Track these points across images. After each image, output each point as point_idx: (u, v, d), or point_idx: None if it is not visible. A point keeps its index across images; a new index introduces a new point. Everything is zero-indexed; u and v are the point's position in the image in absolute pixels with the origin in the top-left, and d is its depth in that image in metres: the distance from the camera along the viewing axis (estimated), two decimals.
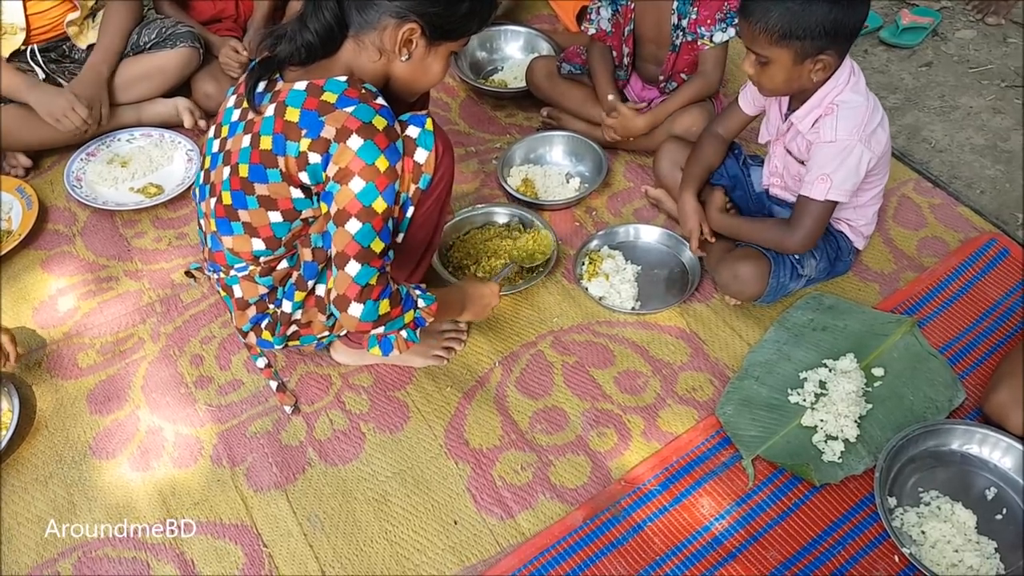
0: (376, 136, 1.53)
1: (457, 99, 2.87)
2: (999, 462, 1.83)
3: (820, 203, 1.94)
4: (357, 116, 1.53)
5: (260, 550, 1.75)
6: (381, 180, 1.55)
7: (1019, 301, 2.17)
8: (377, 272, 1.59)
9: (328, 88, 1.56)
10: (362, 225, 1.55)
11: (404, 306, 1.67)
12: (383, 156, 1.54)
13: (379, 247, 1.58)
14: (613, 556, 1.72)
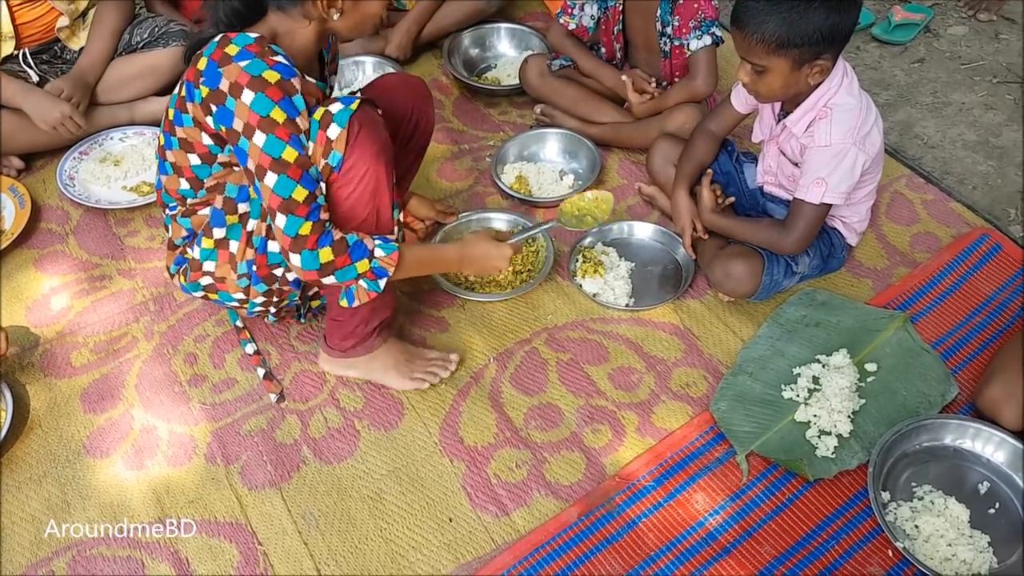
0: (268, 88, 1.54)
1: (451, 97, 2.87)
2: (992, 456, 1.83)
3: (815, 206, 1.95)
4: (248, 70, 1.54)
5: (255, 548, 1.75)
6: (281, 131, 1.55)
7: (1012, 296, 2.18)
8: (304, 221, 1.58)
9: (234, 40, 1.57)
10: (277, 177, 1.56)
11: (353, 254, 1.65)
12: (278, 107, 1.54)
13: (301, 195, 1.58)
14: (607, 552, 1.72)
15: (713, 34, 2.33)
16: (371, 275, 1.70)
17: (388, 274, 1.72)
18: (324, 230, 1.61)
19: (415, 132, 2.08)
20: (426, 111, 2.08)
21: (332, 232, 1.62)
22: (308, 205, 1.59)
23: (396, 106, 1.98)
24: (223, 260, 1.79)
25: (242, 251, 1.76)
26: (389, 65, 2.87)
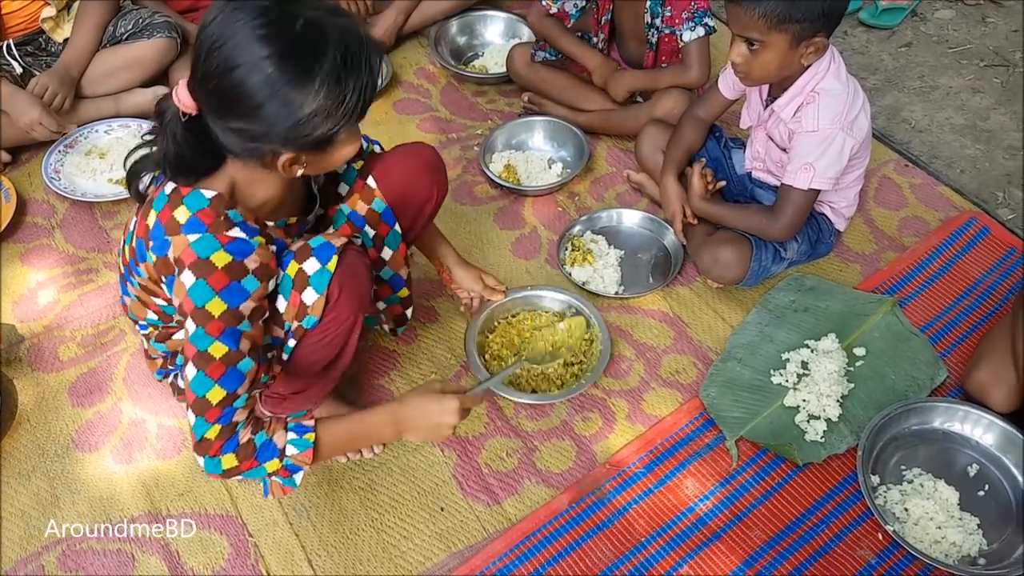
0: (212, 275, 1.37)
1: (438, 85, 2.85)
2: (981, 439, 1.84)
3: (803, 192, 1.95)
4: (195, 249, 1.37)
5: (246, 540, 1.75)
6: (214, 325, 1.37)
7: (1000, 279, 2.19)
8: (212, 425, 1.39)
9: (186, 202, 1.40)
10: (196, 372, 1.39)
11: (260, 456, 1.43)
12: (218, 298, 1.37)
13: (216, 396, 1.39)
14: (598, 539, 1.73)
15: (706, 24, 2.32)
16: (284, 472, 1.48)
17: (302, 471, 1.50)
18: (232, 434, 1.41)
19: (427, 203, 1.84)
20: (438, 184, 1.84)
21: (239, 435, 1.41)
22: (222, 408, 1.40)
23: (407, 189, 1.78)
24: None
25: None
26: None
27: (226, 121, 1.33)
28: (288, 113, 1.29)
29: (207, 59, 1.29)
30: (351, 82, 1.31)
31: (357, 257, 1.57)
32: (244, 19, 1.26)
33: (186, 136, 1.38)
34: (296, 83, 1.28)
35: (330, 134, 1.35)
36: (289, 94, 1.28)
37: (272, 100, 1.28)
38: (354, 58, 1.31)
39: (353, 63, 1.31)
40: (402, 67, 2.91)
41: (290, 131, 1.31)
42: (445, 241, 2.00)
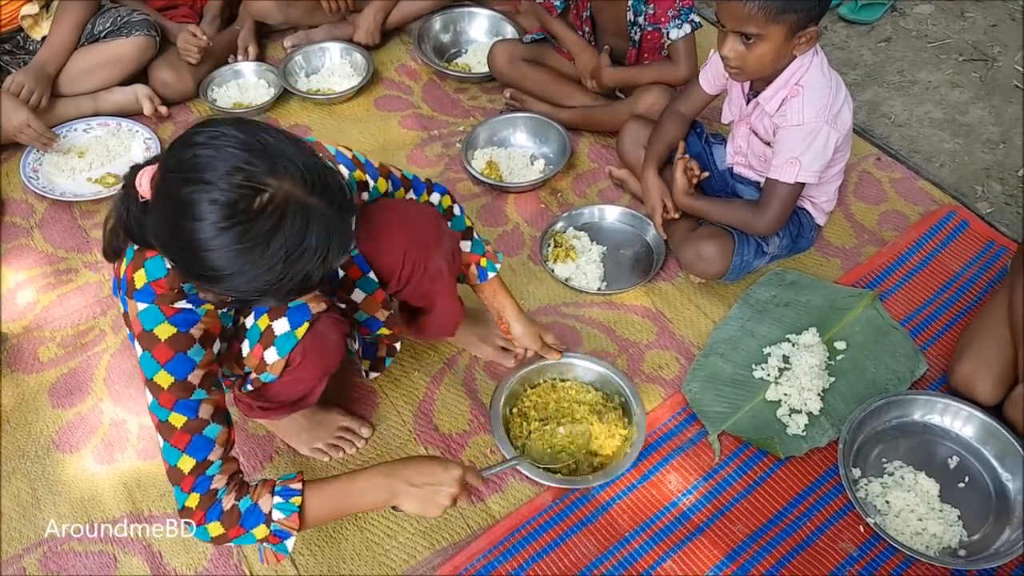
0: (155, 347, 1.35)
1: (419, 82, 2.85)
2: (961, 431, 1.85)
3: (789, 185, 1.95)
4: (141, 319, 1.35)
5: None
6: (165, 397, 1.36)
7: (979, 272, 2.20)
8: (190, 494, 1.38)
9: (147, 265, 1.35)
10: (163, 442, 1.39)
11: (245, 523, 1.41)
12: (164, 371, 1.35)
13: (187, 465, 1.37)
14: (582, 535, 1.73)
15: (692, 21, 2.32)
16: (273, 538, 1.44)
17: (292, 536, 1.45)
18: (214, 501, 1.39)
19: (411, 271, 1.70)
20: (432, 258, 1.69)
21: (223, 501, 1.40)
22: (195, 476, 1.38)
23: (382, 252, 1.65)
24: None
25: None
26: (357, 51, 2.85)
27: (163, 246, 1.26)
28: (224, 278, 1.20)
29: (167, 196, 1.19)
30: (297, 268, 1.20)
31: (332, 326, 1.55)
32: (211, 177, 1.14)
33: (139, 218, 1.30)
34: (238, 258, 1.17)
35: (257, 299, 1.31)
36: (231, 263, 1.17)
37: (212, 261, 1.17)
38: (307, 250, 1.19)
39: (304, 252, 1.19)
40: (384, 64, 2.90)
41: (221, 288, 1.22)
42: (506, 293, 1.88)
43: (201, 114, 2.73)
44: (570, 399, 1.92)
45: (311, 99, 2.74)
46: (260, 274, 1.18)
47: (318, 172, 1.21)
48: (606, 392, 1.93)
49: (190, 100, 2.76)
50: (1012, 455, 1.78)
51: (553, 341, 1.95)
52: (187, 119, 2.71)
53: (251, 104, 2.72)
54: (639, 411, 1.85)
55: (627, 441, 1.84)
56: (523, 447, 1.81)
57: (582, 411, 1.88)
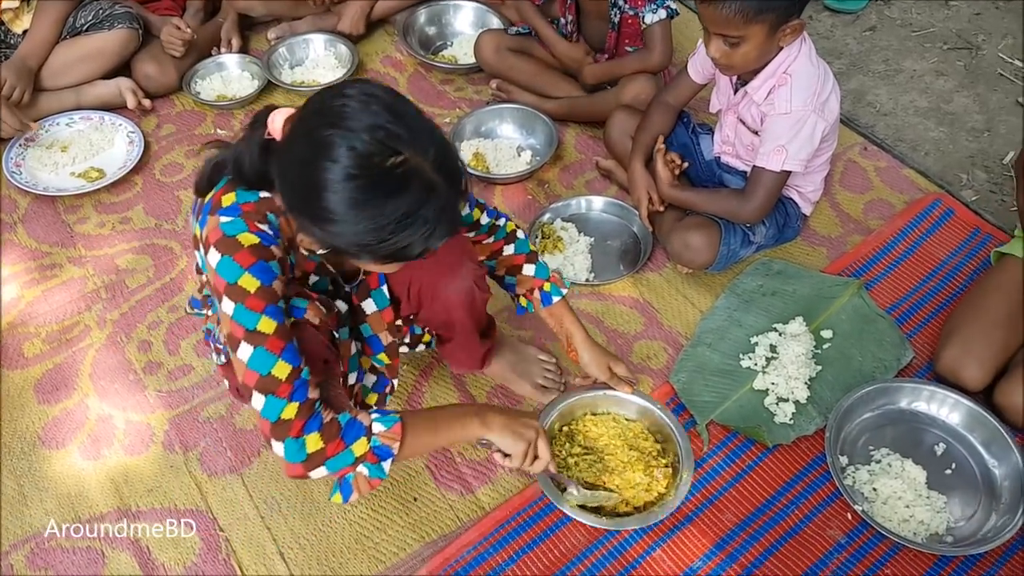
0: (238, 252, 1.31)
1: (405, 73, 2.84)
2: (947, 418, 1.86)
3: (775, 174, 1.96)
4: (223, 228, 1.32)
5: (216, 535, 1.73)
6: (252, 301, 1.31)
7: (965, 260, 2.21)
8: (288, 402, 1.31)
9: (239, 193, 1.36)
10: (254, 349, 1.31)
11: (346, 436, 1.36)
12: (248, 274, 1.31)
13: (283, 371, 1.31)
14: (572, 525, 1.73)
15: (668, 7, 2.32)
16: (372, 457, 1.38)
17: (393, 453, 1.40)
18: (313, 411, 1.34)
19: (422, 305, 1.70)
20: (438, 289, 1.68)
21: (322, 413, 1.35)
22: (291, 383, 1.32)
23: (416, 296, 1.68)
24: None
25: None
26: (341, 42, 2.83)
27: (286, 182, 1.29)
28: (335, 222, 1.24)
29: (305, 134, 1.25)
30: (403, 235, 1.25)
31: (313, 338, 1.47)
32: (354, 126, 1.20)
33: (262, 157, 1.34)
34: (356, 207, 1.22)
35: (354, 253, 1.32)
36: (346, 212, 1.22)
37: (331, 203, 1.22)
38: (419, 220, 1.24)
39: (415, 223, 1.24)
40: (368, 56, 2.89)
41: (326, 233, 1.26)
42: (573, 319, 1.82)
43: (185, 107, 2.71)
44: (624, 439, 1.82)
45: (296, 91, 2.72)
46: (368, 229, 1.23)
47: (447, 155, 1.27)
48: (664, 447, 1.81)
49: (173, 93, 2.74)
50: (998, 441, 1.79)
51: (624, 373, 1.85)
52: (170, 112, 2.69)
53: (234, 96, 2.70)
54: (686, 477, 1.73)
55: (661, 500, 1.73)
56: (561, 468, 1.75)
57: (631, 456, 1.77)
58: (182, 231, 2.32)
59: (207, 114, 2.69)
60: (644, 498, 1.72)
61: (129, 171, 2.45)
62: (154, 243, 2.30)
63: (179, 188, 2.45)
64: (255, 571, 1.68)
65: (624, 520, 1.70)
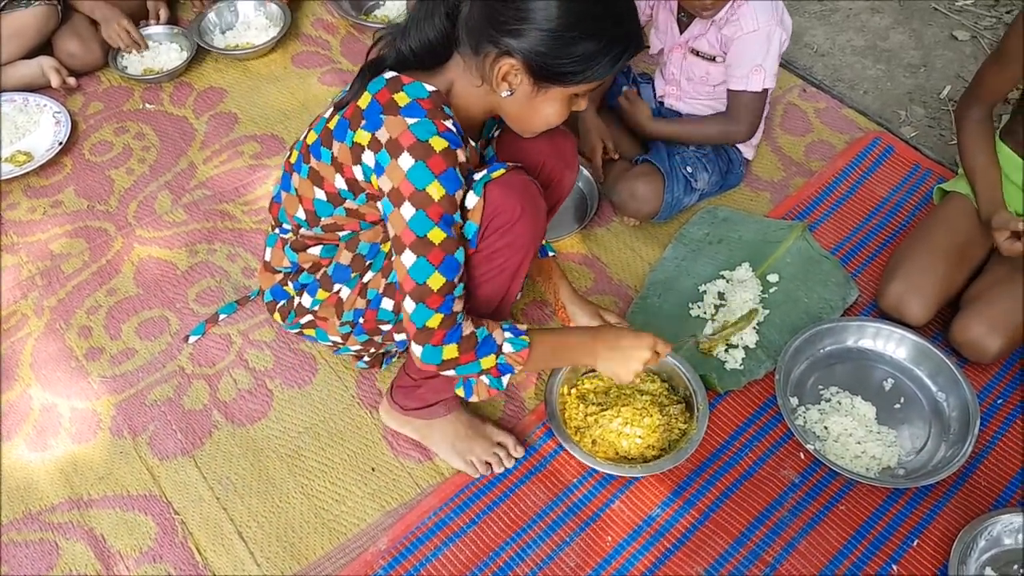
0: (431, 158, 1.33)
1: (338, 36, 2.77)
2: (894, 353, 1.89)
3: (757, 94, 1.98)
4: (414, 131, 1.33)
5: (172, 518, 1.71)
6: (434, 209, 1.34)
7: (906, 196, 2.23)
8: (435, 313, 1.37)
9: (407, 89, 1.37)
10: (416, 258, 1.36)
11: (479, 351, 1.42)
12: (437, 182, 1.33)
13: (437, 283, 1.36)
14: (533, 482, 1.73)
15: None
16: (495, 372, 1.48)
17: (514, 371, 1.49)
18: (455, 324, 1.40)
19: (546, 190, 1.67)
20: (566, 177, 1.73)
21: (463, 326, 1.41)
22: (443, 296, 1.37)
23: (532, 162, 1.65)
24: (329, 303, 1.60)
25: (352, 300, 1.57)
26: (272, 2, 2.75)
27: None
28: (552, 24, 1.29)
29: None
30: (614, 50, 1.34)
31: (521, 174, 1.49)
32: None
33: (444, 17, 1.37)
34: (580, 14, 1.29)
35: (562, 74, 1.35)
36: (554, 7, 1.29)
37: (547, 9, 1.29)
38: (620, 23, 1.34)
39: (617, 26, 1.33)
40: (298, 19, 2.81)
41: (538, 40, 1.31)
42: (562, 275, 1.90)
43: (112, 83, 2.62)
44: (632, 386, 1.82)
45: (230, 55, 2.66)
46: (574, 27, 1.30)
47: None
48: (672, 383, 1.83)
49: (99, 69, 2.65)
50: (945, 373, 1.82)
51: (615, 320, 1.88)
52: (97, 89, 2.60)
53: (162, 69, 2.62)
54: (703, 407, 1.75)
55: (685, 436, 1.74)
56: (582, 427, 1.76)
57: (644, 401, 1.78)
58: (116, 211, 2.26)
59: (135, 89, 2.61)
60: (667, 438, 1.74)
61: (57, 152, 2.36)
62: (88, 225, 2.23)
63: (110, 167, 2.38)
64: (214, 552, 1.67)
65: (658, 463, 1.69)
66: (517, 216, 1.44)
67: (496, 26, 1.32)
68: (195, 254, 2.16)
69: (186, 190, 2.31)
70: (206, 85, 2.61)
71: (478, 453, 1.74)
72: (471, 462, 1.75)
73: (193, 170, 2.36)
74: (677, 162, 2.09)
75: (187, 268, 2.13)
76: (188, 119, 2.51)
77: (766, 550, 1.65)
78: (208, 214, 2.25)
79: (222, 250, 2.16)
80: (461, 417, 1.76)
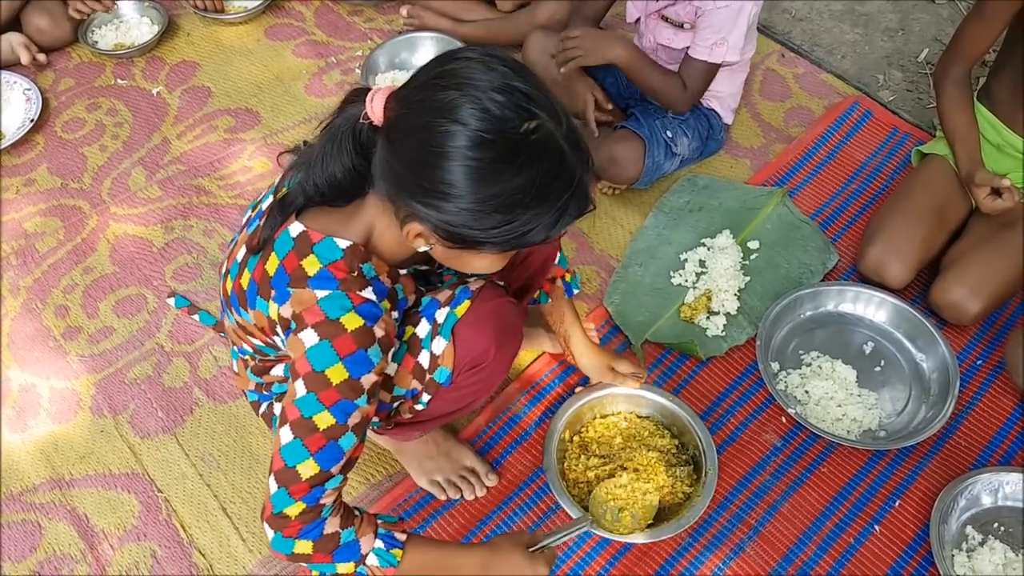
0: (338, 338, 1.18)
1: (311, 7, 2.73)
2: (874, 317, 1.90)
3: (713, 65, 1.98)
4: (323, 307, 1.18)
5: (155, 496, 1.70)
6: (329, 394, 1.18)
7: (885, 160, 2.24)
8: (296, 502, 1.19)
9: (317, 251, 1.21)
10: (293, 439, 1.19)
11: (338, 555, 1.24)
12: (340, 365, 1.18)
13: (308, 471, 1.19)
14: (518, 453, 1.74)
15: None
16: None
17: None
18: (317, 518, 1.21)
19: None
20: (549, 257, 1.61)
21: (326, 523, 1.22)
22: (311, 486, 1.19)
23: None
24: None
25: None
26: None
27: (396, 157, 1.13)
28: (464, 200, 1.10)
29: (422, 101, 1.10)
30: (529, 214, 1.11)
31: (493, 292, 1.39)
32: (482, 86, 1.07)
33: (354, 154, 1.19)
34: (483, 181, 1.08)
35: (479, 243, 1.16)
36: (470, 184, 1.08)
37: (453, 174, 1.08)
38: (551, 195, 1.11)
39: (547, 199, 1.11)
40: None
41: (449, 212, 1.11)
42: (575, 320, 1.74)
43: (82, 59, 2.58)
44: (640, 440, 1.71)
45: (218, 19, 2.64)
46: (494, 205, 1.09)
47: (573, 127, 1.13)
48: (682, 440, 1.72)
49: (69, 45, 2.60)
50: (924, 335, 1.83)
51: (628, 369, 1.74)
52: (67, 65, 2.56)
53: (133, 44, 2.58)
54: (711, 472, 1.62)
55: (688, 502, 1.62)
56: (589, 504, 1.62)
57: (650, 458, 1.66)
58: (90, 189, 2.23)
59: (106, 64, 2.56)
60: (669, 500, 1.63)
61: (29, 130, 2.33)
62: (62, 203, 2.20)
63: (83, 144, 2.34)
64: (198, 528, 1.66)
65: (659, 530, 1.57)
66: (492, 354, 1.37)
67: (402, 187, 1.14)
68: (171, 230, 2.13)
69: (160, 166, 2.28)
70: (178, 59, 2.57)
71: (447, 473, 1.68)
72: (438, 482, 1.68)
73: (167, 145, 2.33)
74: (657, 127, 2.08)
75: (163, 245, 2.10)
76: (161, 94, 2.47)
77: (749, 513, 1.66)
78: (183, 189, 2.22)
79: (198, 225, 2.14)
80: (434, 436, 1.69)
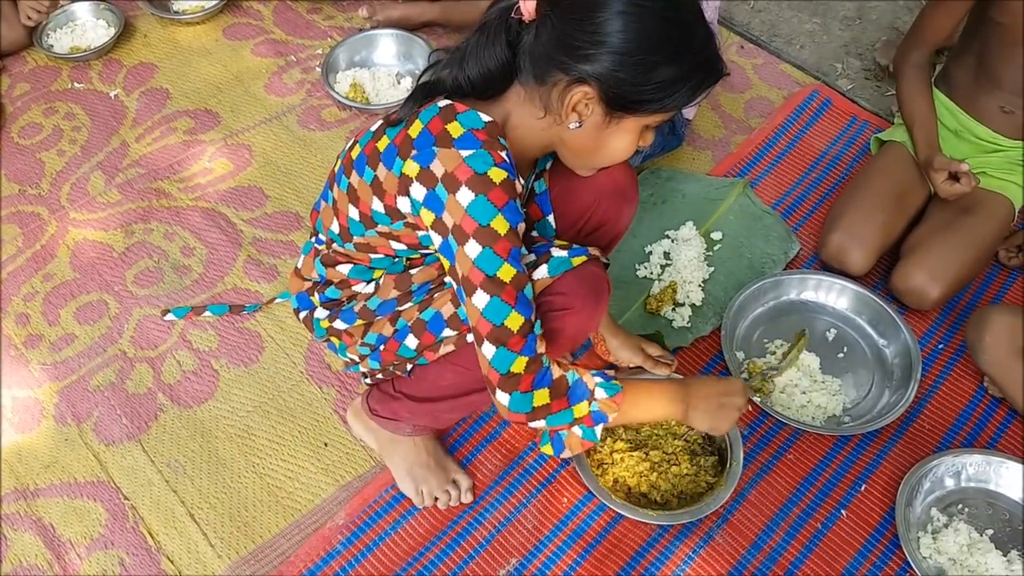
0: (492, 191, 1.22)
1: (269, 5, 2.71)
2: (835, 304, 1.92)
3: None
4: (470, 164, 1.22)
5: (121, 503, 1.68)
6: (502, 244, 1.23)
7: (844, 148, 2.26)
8: (519, 356, 1.25)
9: (461, 119, 1.26)
10: (490, 298, 1.23)
11: (571, 397, 1.33)
12: (500, 216, 1.22)
13: (516, 323, 1.24)
14: (488, 450, 1.74)
15: None
16: (588, 421, 1.36)
17: (607, 420, 1.37)
18: (542, 367, 1.28)
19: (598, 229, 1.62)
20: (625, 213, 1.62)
21: (551, 369, 1.29)
22: (524, 336, 1.25)
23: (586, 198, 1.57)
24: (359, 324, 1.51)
25: (381, 324, 1.47)
26: None
27: (562, 23, 1.21)
28: (631, 47, 1.19)
29: None
30: (694, 77, 1.23)
31: (601, 271, 1.41)
32: None
33: (505, 46, 1.26)
34: (661, 38, 1.19)
35: (639, 102, 1.23)
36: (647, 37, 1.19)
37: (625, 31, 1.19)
38: (695, 43, 1.23)
39: (691, 47, 1.22)
40: None
41: (616, 65, 1.20)
42: None
43: (38, 63, 2.54)
44: (667, 428, 1.71)
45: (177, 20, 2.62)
46: (655, 49, 1.19)
47: None
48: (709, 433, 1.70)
49: (24, 49, 2.56)
50: (886, 321, 1.86)
51: (659, 353, 1.78)
52: (23, 70, 2.52)
53: (89, 47, 2.54)
54: (736, 465, 1.63)
55: (710, 492, 1.63)
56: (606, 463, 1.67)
57: (675, 446, 1.68)
58: (48, 195, 2.20)
59: (63, 68, 2.52)
60: (692, 489, 1.64)
61: None
62: (20, 210, 2.17)
63: (40, 150, 2.31)
64: (166, 535, 1.65)
65: (676, 514, 1.59)
66: (576, 309, 1.36)
67: (568, 51, 1.21)
68: (131, 235, 2.11)
69: (119, 169, 2.25)
70: (136, 61, 2.54)
71: (432, 486, 1.67)
72: (420, 491, 1.68)
73: (126, 149, 2.30)
74: None
75: (124, 249, 2.08)
76: (119, 97, 2.44)
77: None
78: (143, 193, 2.19)
79: (159, 229, 2.12)
80: (427, 444, 1.69)
